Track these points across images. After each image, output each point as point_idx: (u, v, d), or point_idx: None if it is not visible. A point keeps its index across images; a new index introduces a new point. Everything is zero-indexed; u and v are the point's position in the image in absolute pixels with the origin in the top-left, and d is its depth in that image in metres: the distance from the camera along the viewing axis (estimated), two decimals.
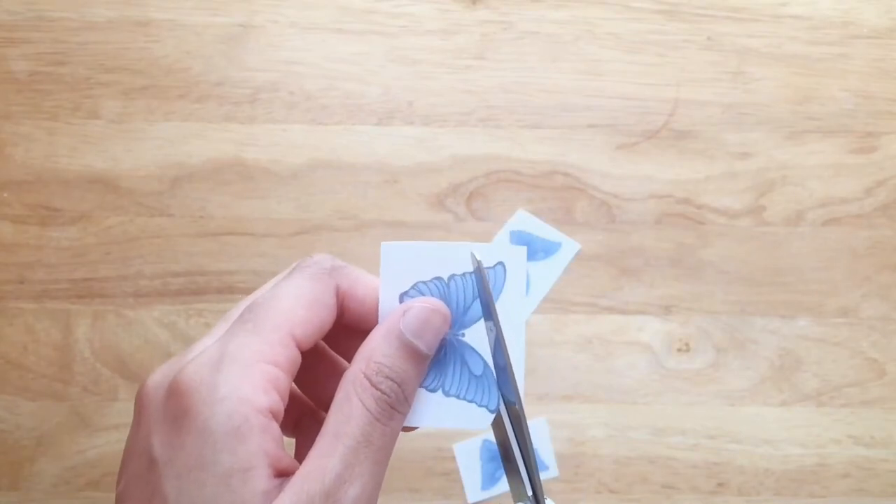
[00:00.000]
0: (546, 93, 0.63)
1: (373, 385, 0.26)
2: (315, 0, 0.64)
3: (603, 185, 0.62)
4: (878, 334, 0.61)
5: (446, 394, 0.28)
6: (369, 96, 0.63)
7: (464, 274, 0.29)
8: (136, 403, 0.27)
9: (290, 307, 0.27)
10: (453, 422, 0.28)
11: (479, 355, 0.29)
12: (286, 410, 0.26)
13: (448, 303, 0.28)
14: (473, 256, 0.28)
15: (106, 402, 0.59)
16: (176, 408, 0.25)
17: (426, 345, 0.27)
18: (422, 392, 0.28)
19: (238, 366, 0.25)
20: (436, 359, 0.28)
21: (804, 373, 0.60)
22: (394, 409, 0.26)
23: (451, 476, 0.58)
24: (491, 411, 0.29)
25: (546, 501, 0.30)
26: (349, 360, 0.28)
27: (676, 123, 0.63)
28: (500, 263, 0.29)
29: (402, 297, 0.29)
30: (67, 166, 0.62)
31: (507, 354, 0.28)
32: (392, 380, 0.26)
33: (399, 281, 0.29)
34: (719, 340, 0.60)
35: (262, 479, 0.24)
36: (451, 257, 0.29)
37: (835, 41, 0.64)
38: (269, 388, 0.25)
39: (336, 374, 0.28)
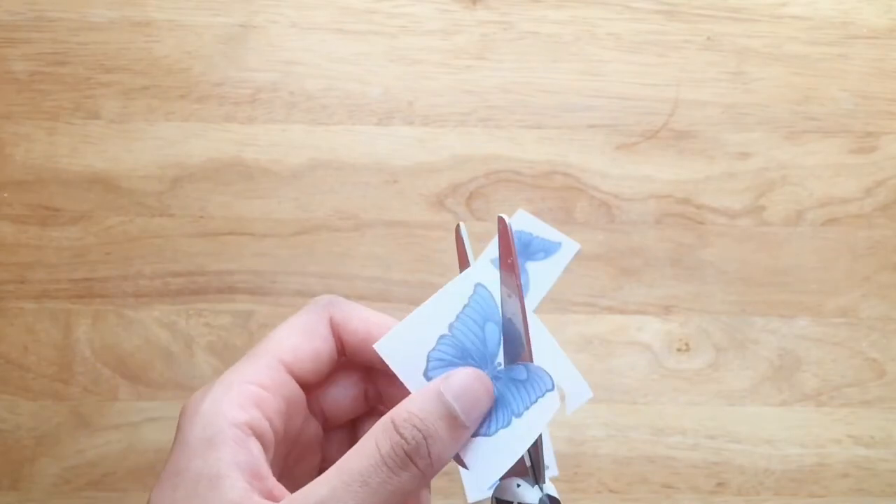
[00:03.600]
0: (546, 93, 0.63)
1: (395, 429, 0.25)
2: (315, 0, 0.64)
3: (603, 185, 0.62)
4: (877, 334, 0.61)
5: (518, 416, 0.27)
6: (369, 96, 0.63)
7: (459, 314, 0.28)
8: None
9: (282, 337, 0.29)
10: (537, 429, 0.27)
11: (516, 365, 0.28)
12: None
13: (465, 350, 0.28)
14: (503, 218, 0.28)
15: (106, 402, 0.59)
16: (177, 428, 0.27)
17: (464, 411, 0.26)
18: (500, 434, 0.27)
19: (223, 387, 0.27)
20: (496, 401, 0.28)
21: (804, 373, 0.60)
22: (409, 458, 0.25)
23: (452, 476, 0.58)
24: (551, 389, 0.28)
25: (547, 479, 0.29)
26: None
27: (676, 123, 0.63)
28: (480, 285, 0.29)
29: (427, 376, 0.28)
30: (67, 166, 0.62)
31: (525, 315, 0.28)
32: (417, 429, 0.25)
33: (414, 366, 0.28)
34: (719, 340, 0.60)
35: (233, 488, 0.24)
36: (439, 311, 0.28)
37: (834, 41, 0.64)
38: (249, 405, 0.26)
39: None
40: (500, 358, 0.29)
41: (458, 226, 0.30)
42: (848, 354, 0.60)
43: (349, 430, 0.33)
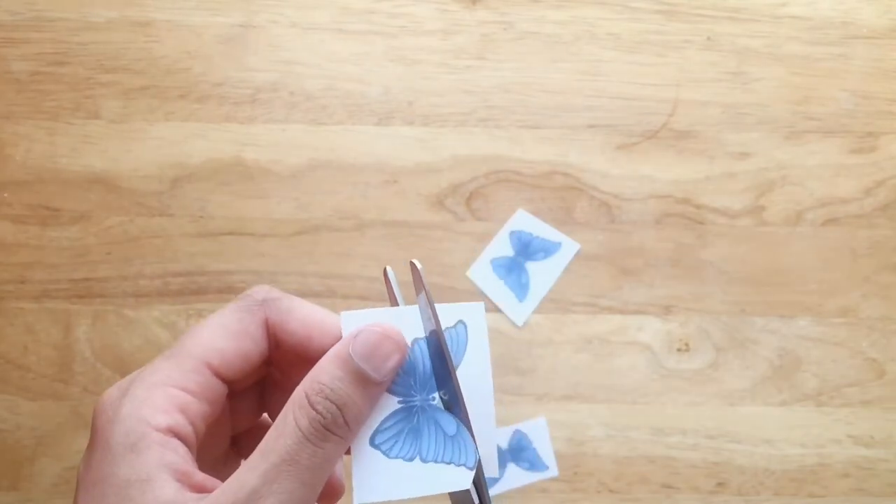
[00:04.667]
0: (546, 93, 0.63)
1: (310, 404, 0.25)
2: (315, 0, 0.64)
3: (603, 185, 0.62)
4: (877, 334, 0.61)
5: (424, 460, 0.27)
6: (369, 96, 0.63)
7: (427, 336, 0.28)
8: None
9: (209, 337, 0.28)
10: (436, 487, 0.27)
11: (451, 415, 0.28)
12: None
13: (413, 367, 0.28)
14: (414, 265, 0.28)
15: None
16: (92, 429, 0.26)
17: (375, 370, 0.26)
18: (399, 463, 0.27)
19: (143, 388, 0.26)
20: (409, 426, 0.27)
21: (804, 373, 0.60)
22: (328, 430, 0.25)
23: None
24: (470, 468, 0.27)
25: None
26: None
27: (676, 123, 0.63)
28: (461, 322, 0.28)
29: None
30: (67, 166, 0.62)
31: (466, 411, 0.27)
32: (330, 400, 0.25)
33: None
34: (719, 340, 0.60)
35: (164, 489, 0.24)
36: (410, 322, 0.28)
37: (834, 41, 0.64)
38: (172, 409, 0.26)
39: None
40: (437, 399, 0.29)
41: (384, 270, 0.30)
42: (848, 354, 0.60)
43: (256, 394, 0.32)
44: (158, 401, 0.26)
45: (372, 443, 0.27)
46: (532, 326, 0.60)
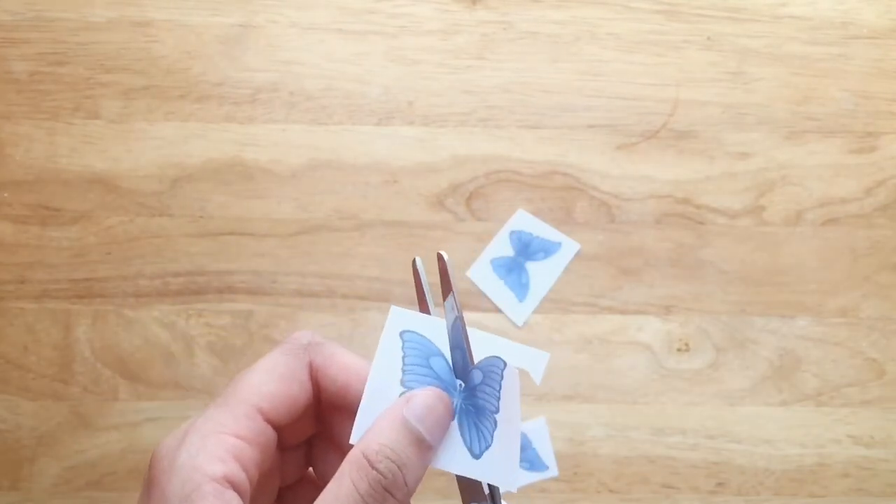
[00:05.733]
0: (546, 93, 0.63)
1: (371, 464, 0.25)
2: (315, 0, 0.64)
3: (603, 185, 0.62)
4: (877, 334, 0.61)
5: (497, 411, 0.29)
6: (369, 96, 0.63)
7: (403, 368, 0.29)
8: None
9: (259, 382, 0.28)
10: (517, 404, 0.29)
11: (471, 371, 0.29)
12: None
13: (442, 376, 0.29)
14: (441, 257, 0.29)
15: (106, 402, 0.59)
16: (148, 477, 0.26)
17: (429, 432, 0.27)
18: (493, 446, 0.28)
19: (198, 436, 0.26)
20: (471, 418, 0.29)
21: (804, 373, 0.60)
22: (388, 492, 0.25)
23: (452, 476, 0.58)
24: (504, 367, 0.29)
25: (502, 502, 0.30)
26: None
27: (676, 123, 0.63)
28: (405, 331, 0.29)
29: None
30: (67, 166, 0.62)
31: (466, 334, 0.28)
32: (392, 461, 0.25)
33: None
34: (719, 340, 0.60)
35: None
36: (385, 376, 0.28)
37: (834, 41, 0.64)
38: (228, 457, 0.26)
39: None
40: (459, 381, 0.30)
41: (413, 261, 0.30)
42: (848, 354, 0.60)
43: (304, 448, 0.32)
44: (213, 449, 0.26)
45: (476, 456, 0.28)
46: (532, 326, 0.60)
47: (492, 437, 0.28)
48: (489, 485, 0.29)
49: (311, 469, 0.32)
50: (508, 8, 0.64)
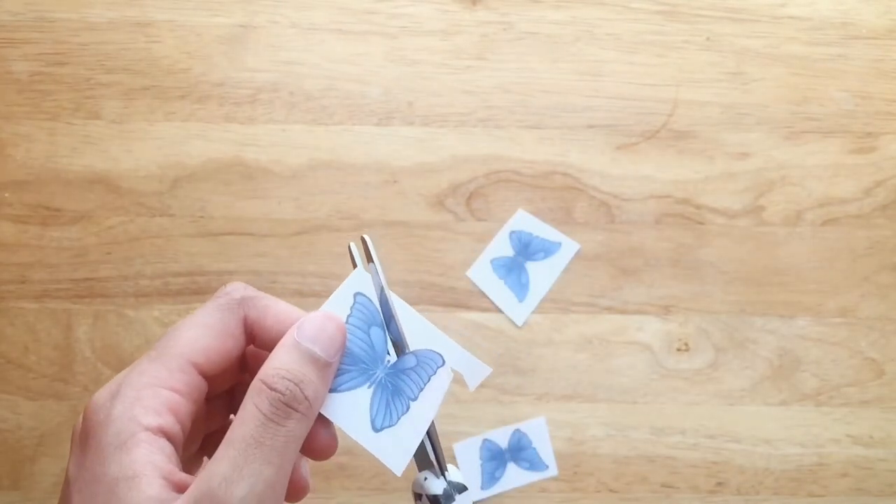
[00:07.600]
0: (546, 93, 0.63)
1: (268, 386, 0.26)
2: (315, 0, 0.64)
3: (603, 185, 0.62)
4: (876, 334, 0.61)
5: (414, 398, 0.30)
6: (369, 96, 0.63)
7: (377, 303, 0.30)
8: None
9: (193, 336, 0.28)
10: (436, 403, 0.30)
11: (405, 355, 0.30)
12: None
13: (355, 356, 0.29)
14: (364, 240, 0.30)
15: None
16: (83, 431, 0.27)
17: (323, 349, 0.27)
18: (404, 420, 0.29)
19: (133, 390, 0.27)
20: (389, 392, 0.29)
21: (803, 372, 0.60)
22: (290, 407, 0.26)
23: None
24: (442, 366, 0.30)
25: (448, 468, 0.31)
26: None
27: (676, 123, 0.63)
28: (359, 293, 0.30)
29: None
30: (68, 166, 0.62)
31: (393, 304, 0.29)
32: (288, 379, 0.26)
33: None
34: (719, 340, 0.61)
35: (151, 486, 0.25)
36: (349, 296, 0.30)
37: (834, 42, 0.64)
38: (163, 409, 0.27)
39: None
40: (392, 357, 0.31)
41: (349, 245, 0.31)
42: (847, 354, 0.61)
43: (227, 397, 0.33)
44: (148, 401, 0.27)
45: (375, 429, 0.29)
46: (532, 326, 0.60)
47: (398, 419, 0.29)
48: (436, 456, 0.30)
49: (232, 416, 0.33)
50: (508, 8, 0.64)
